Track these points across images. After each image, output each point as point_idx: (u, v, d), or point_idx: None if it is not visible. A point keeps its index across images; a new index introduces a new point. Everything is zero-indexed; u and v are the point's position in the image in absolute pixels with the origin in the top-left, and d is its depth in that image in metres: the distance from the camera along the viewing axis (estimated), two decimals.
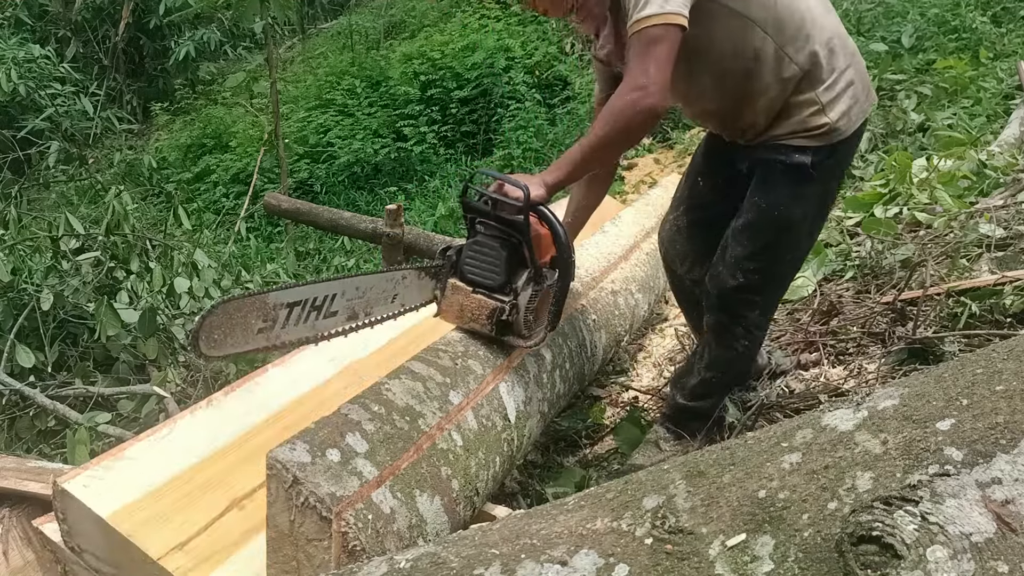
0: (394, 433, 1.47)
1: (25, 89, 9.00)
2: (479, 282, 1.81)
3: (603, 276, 2.59)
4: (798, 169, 1.91)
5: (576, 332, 2.25)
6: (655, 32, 1.70)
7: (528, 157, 7.27)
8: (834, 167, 1.97)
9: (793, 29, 1.86)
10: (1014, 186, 3.33)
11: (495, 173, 1.86)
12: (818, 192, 1.97)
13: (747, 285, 2.01)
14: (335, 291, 1.61)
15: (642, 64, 1.71)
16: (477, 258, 1.82)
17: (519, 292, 1.82)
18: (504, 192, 1.80)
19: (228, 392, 1.75)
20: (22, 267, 3.82)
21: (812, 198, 1.97)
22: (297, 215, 5.56)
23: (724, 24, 1.84)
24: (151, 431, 1.59)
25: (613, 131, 1.76)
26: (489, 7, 9.68)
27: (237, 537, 1.47)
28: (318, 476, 1.29)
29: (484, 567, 0.96)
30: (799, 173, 1.92)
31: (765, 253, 1.99)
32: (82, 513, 1.40)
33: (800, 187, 1.94)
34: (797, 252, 2.08)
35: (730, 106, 1.96)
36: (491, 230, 1.82)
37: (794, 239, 2.01)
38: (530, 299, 1.83)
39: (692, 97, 2.04)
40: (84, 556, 1.45)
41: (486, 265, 1.81)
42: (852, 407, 0.97)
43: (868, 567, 0.77)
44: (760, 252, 1.99)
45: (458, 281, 1.82)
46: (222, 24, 11.19)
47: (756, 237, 1.98)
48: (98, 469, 1.45)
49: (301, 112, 9.17)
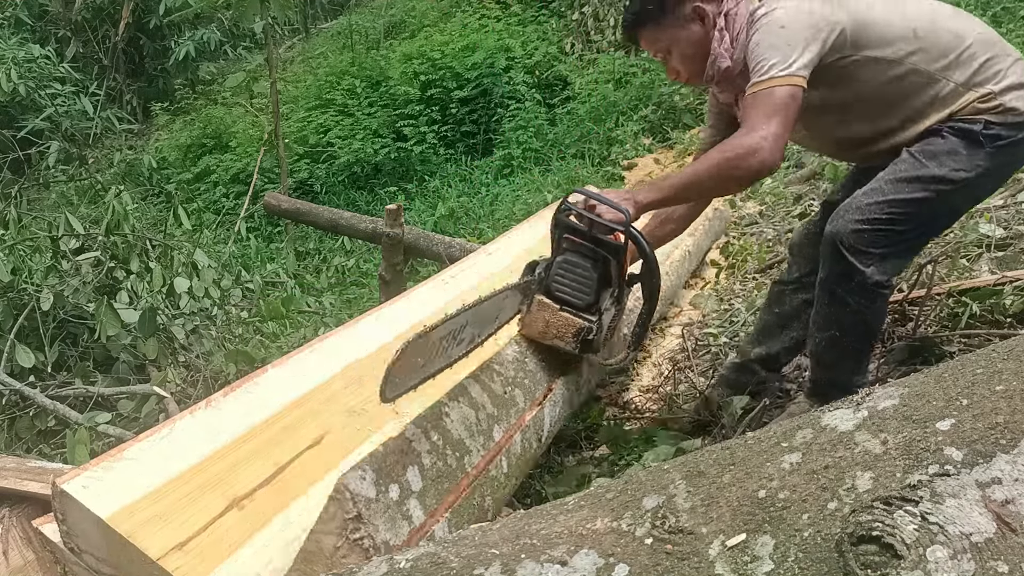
0: (444, 471, 1.52)
1: (25, 89, 9.01)
2: (567, 300, 1.82)
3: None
4: (966, 133, 1.82)
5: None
6: (781, 93, 1.75)
7: (528, 157, 7.27)
8: (1010, 148, 1.83)
9: (939, 52, 1.83)
10: (1014, 186, 3.33)
11: (592, 192, 1.86)
12: (982, 163, 1.82)
13: (867, 234, 1.85)
14: (464, 321, 1.63)
15: (765, 121, 1.74)
16: (567, 276, 1.83)
17: (603, 311, 1.84)
18: (599, 213, 1.80)
19: (227, 393, 1.74)
20: (22, 267, 3.82)
21: (972, 166, 1.82)
22: (297, 215, 5.57)
23: (871, 72, 1.85)
24: (150, 432, 1.59)
25: (720, 174, 1.77)
26: (489, 7, 9.69)
27: (237, 537, 1.46)
28: (378, 518, 1.32)
29: (484, 567, 0.96)
30: (967, 136, 1.82)
31: (898, 206, 1.84)
32: (81, 514, 1.40)
33: (967, 149, 1.82)
34: (932, 220, 1.91)
35: (887, 131, 1.93)
36: (583, 249, 1.82)
37: (935, 202, 1.84)
38: (612, 318, 1.85)
39: (844, 144, 2.05)
40: (84, 556, 1.45)
41: (576, 284, 1.83)
42: (852, 407, 0.97)
43: (868, 567, 0.77)
44: (893, 203, 1.84)
45: (545, 298, 1.83)
46: (222, 24, 11.20)
47: (895, 186, 1.85)
48: (97, 470, 1.45)
49: (301, 112, 9.18)
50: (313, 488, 1.63)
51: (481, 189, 7.09)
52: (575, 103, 7.76)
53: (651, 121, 6.96)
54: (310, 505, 1.59)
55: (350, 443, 1.76)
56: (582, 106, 7.58)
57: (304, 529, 1.52)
